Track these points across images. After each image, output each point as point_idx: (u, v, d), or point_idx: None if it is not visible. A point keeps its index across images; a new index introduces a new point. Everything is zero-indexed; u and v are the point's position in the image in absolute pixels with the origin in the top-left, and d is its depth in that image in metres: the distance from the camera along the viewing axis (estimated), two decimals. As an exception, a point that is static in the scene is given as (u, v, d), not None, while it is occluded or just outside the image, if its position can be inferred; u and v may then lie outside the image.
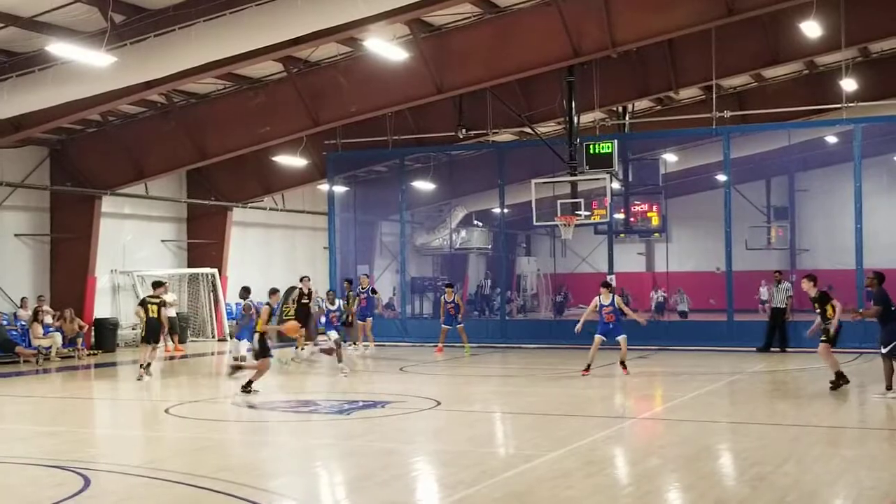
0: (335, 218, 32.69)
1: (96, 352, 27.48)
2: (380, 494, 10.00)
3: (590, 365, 20.12)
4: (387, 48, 22.25)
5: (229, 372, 19.21)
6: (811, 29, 24.22)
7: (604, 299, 20.14)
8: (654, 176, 33.96)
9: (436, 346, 26.41)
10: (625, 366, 20.35)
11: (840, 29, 25.15)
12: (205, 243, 32.97)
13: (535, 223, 28.03)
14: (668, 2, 23.01)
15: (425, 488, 10.62)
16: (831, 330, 17.06)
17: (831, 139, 34.94)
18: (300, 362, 24.07)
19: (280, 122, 26.87)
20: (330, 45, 23.22)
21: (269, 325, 18.04)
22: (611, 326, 20.33)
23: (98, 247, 28.33)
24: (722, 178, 30.39)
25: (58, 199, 28.11)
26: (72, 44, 18.77)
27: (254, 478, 10.81)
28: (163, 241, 32.30)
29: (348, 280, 28.31)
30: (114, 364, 25.35)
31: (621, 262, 36.35)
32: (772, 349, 25.72)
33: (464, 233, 43.96)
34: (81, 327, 26.83)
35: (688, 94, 32.04)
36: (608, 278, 20.88)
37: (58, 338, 25.82)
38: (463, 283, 45.63)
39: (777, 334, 25.90)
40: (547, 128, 32.19)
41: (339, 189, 33.94)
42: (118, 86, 20.72)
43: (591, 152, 26.33)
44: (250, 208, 34.26)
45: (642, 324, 21.71)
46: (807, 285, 17.50)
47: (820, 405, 16.18)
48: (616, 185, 31.40)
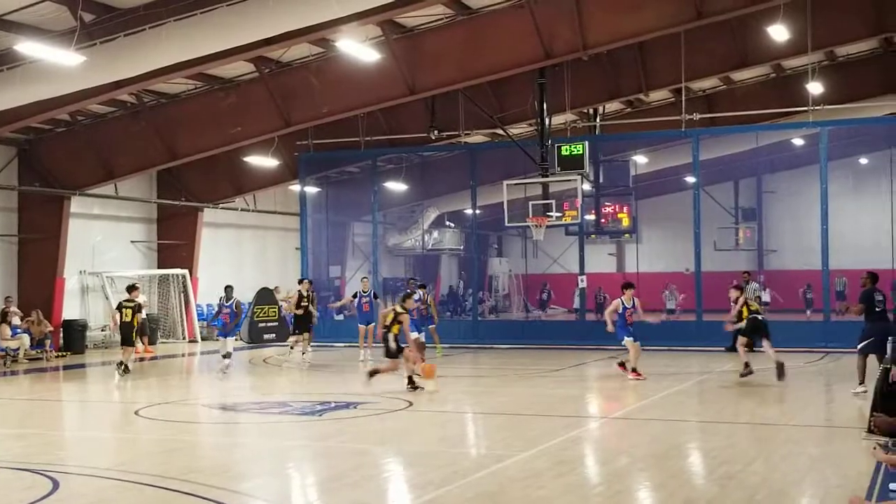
0: (307, 219, 32.60)
1: (65, 353, 27.23)
2: (351, 495, 9.96)
3: (635, 368, 19.71)
4: (359, 49, 22.20)
5: (369, 374, 18.26)
6: (778, 33, 24.41)
7: (626, 301, 19.96)
8: (624, 177, 34.09)
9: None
10: (635, 370, 19.82)
11: (807, 33, 25.37)
12: (175, 244, 32.77)
13: (506, 224, 28.08)
14: (638, 5, 23.10)
15: (396, 489, 10.59)
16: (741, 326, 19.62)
17: (798, 142, 35.20)
18: (302, 363, 23.72)
19: (251, 123, 26.75)
20: (302, 45, 23.14)
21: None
22: (632, 328, 20.03)
23: (67, 247, 28.08)
24: (691, 179, 30.57)
25: (26, 199, 27.84)
26: (41, 43, 18.59)
27: (224, 479, 10.74)
28: (132, 241, 32.08)
29: (307, 280, 27.97)
30: (82, 366, 25.13)
31: (592, 263, 36.45)
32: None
33: (436, 234, 43.96)
34: (50, 329, 26.60)
35: (658, 96, 32.18)
36: (626, 282, 21.03)
37: (26, 339, 25.58)
38: (435, 284, 45.62)
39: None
40: (519, 129, 32.23)
41: (311, 190, 33.83)
42: (87, 85, 20.53)
43: (563, 154, 26.41)
44: (221, 209, 34.09)
45: (656, 323, 21.67)
46: (734, 294, 19.87)
47: (788, 404, 16.28)
48: (587, 187, 31.49)
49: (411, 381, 18.02)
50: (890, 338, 15.24)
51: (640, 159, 35.37)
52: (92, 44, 19.08)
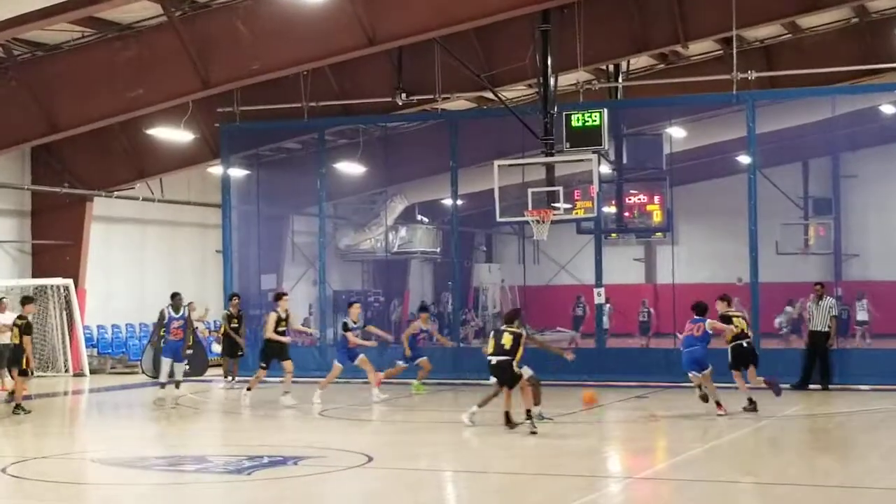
0: (231, 211, 32.50)
1: None
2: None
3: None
4: (301, -15, 22.21)
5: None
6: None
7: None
8: (656, 157, 34.11)
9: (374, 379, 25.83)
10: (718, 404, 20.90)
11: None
12: (56, 245, 32.62)
13: (498, 219, 28.04)
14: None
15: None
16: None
17: (888, 109, 35.35)
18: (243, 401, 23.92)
19: (157, 83, 26.65)
20: (225, -21, 23.18)
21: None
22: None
23: None
24: (745, 159, 30.63)
25: None
26: None
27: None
28: (-2, 241, 32.00)
29: (235, 294, 28.09)
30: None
31: (613, 271, 36.47)
32: (811, 386, 25.94)
33: (404, 231, 43.93)
34: None
35: (700, 48, 32.24)
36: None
37: None
38: (403, 299, 45.61)
39: (818, 366, 26.12)
40: (514, 92, 32.23)
41: (237, 173, 33.72)
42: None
43: (573, 125, 26.41)
44: (117, 198, 33.96)
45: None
46: (721, 306, 20.83)
47: (874, 460, 16.34)
48: (606, 169, 31.51)
49: (509, 418, 18.70)
50: None
51: (677, 133, 35.42)
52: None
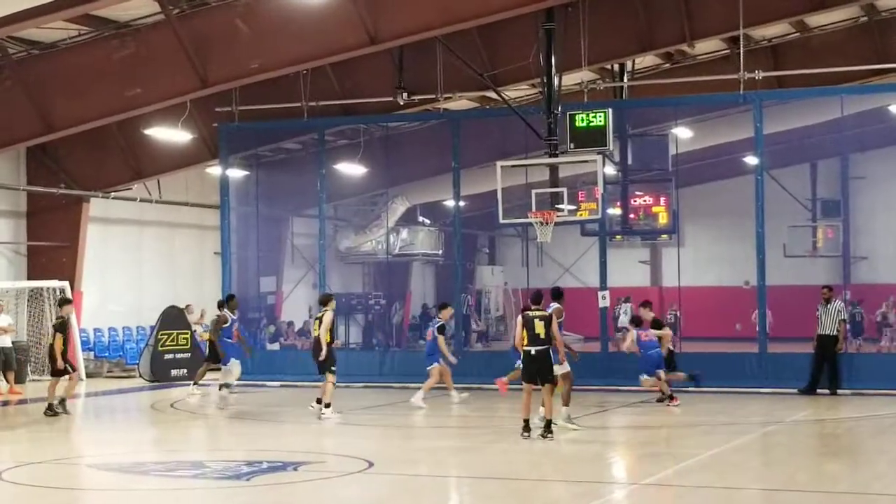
0: (230, 213, 32.49)
1: None
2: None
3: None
4: (301, -18, 22.21)
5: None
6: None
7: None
8: (661, 158, 34.09)
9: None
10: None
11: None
12: (52, 247, 32.62)
13: (501, 221, 28.02)
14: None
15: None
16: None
17: (898, 109, 35.32)
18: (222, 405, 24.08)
19: (155, 82, 26.64)
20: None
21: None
22: None
23: None
24: (752, 160, 30.62)
25: None
26: None
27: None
28: (-7, 243, 32.01)
29: (231, 296, 27.98)
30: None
31: (617, 274, 36.46)
32: (819, 391, 25.94)
33: (405, 233, 43.90)
34: None
35: (707, 47, 32.24)
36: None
37: None
38: (405, 302, 45.60)
39: (826, 371, 26.12)
40: (518, 92, 32.22)
41: (236, 174, 33.72)
42: (-69, 31, 20.52)
43: (578, 126, 26.41)
44: (114, 199, 33.98)
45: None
46: (644, 312, 21.69)
47: (883, 466, 16.33)
48: (610, 170, 31.50)
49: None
50: None
51: (683, 133, 35.42)
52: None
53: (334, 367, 22.31)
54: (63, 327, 23.27)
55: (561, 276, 43.92)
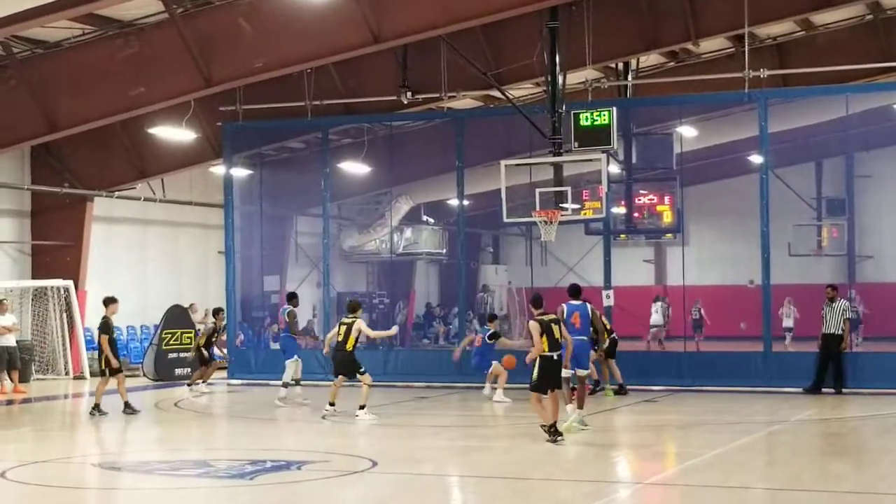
0: (234, 212, 32.52)
1: None
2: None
3: None
4: (305, -19, 22.23)
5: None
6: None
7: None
8: (666, 156, 34.06)
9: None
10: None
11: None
12: (56, 246, 32.67)
13: (505, 220, 28.02)
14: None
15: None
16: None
17: (904, 108, 35.29)
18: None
19: (159, 81, 26.68)
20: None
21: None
22: None
23: None
24: (757, 159, 30.62)
25: None
26: None
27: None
28: (-3, 242, 32.06)
29: (217, 309, 28.18)
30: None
31: (622, 273, 36.44)
32: (824, 390, 25.94)
33: (409, 232, 43.91)
34: None
35: (712, 46, 32.25)
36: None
37: None
38: (408, 302, 45.61)
39: (831, 370, 26.12)
40: (522, 91, 32.23)
41: (240, 173, 33.73)
42: (-65, 30, 20.54)
43: (582, 124, 26.39)
44: (118, 199, 34.02)
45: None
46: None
47: (888, 466, 16.34)
48: (615, 169, 31.49)
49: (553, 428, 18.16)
50: None
51: (688, 132, 35.37)
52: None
53: (363, 368, 22.02)
54: (107, 328, 23.20)
55: (565, 276, 43.87)
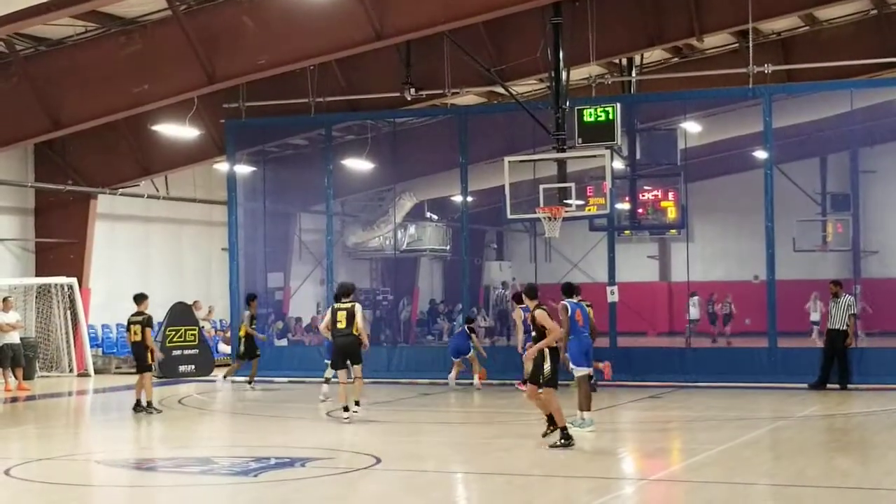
0: (237, 209, 32.53)
1: None
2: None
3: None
4: (308, -22, 22.23)
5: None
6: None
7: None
8: (670, 152, 34.07)
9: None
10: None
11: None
12: (59, 243, 32.68)
13: (508, 216, 28.05)
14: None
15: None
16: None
17: (908, 103, 35.25)
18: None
19: (162, 79, 26.69)
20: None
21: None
22: None
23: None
24: (762, 154, 30.60)
25: None
26: None
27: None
28: (1, 239, 32.00)
29: (252, 296, 28.13)
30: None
31: (626, 269, 36.45)
32: (829, 385, 25.93)
33: (413, 229, 43.89)
34: None
35: (716, 41, 32.22)
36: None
37: None
38: (412, 298, 45.60)
39: (836, 365, 26.11)
40: (525, 87, 32.20)
41: (243, 170, 33.74)
42: (-62, 27, 20.55)
43: (586, 120, 26.38)
44: (121, 196, 34.03)
45: None
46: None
47: (894, 461, 16.32)
48: (619, 165, 31.48)
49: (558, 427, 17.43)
50: None
51: (692, 127, 35.37)
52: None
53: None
54: (150, 322, 23.30)
55: (569, 272, 43.92)
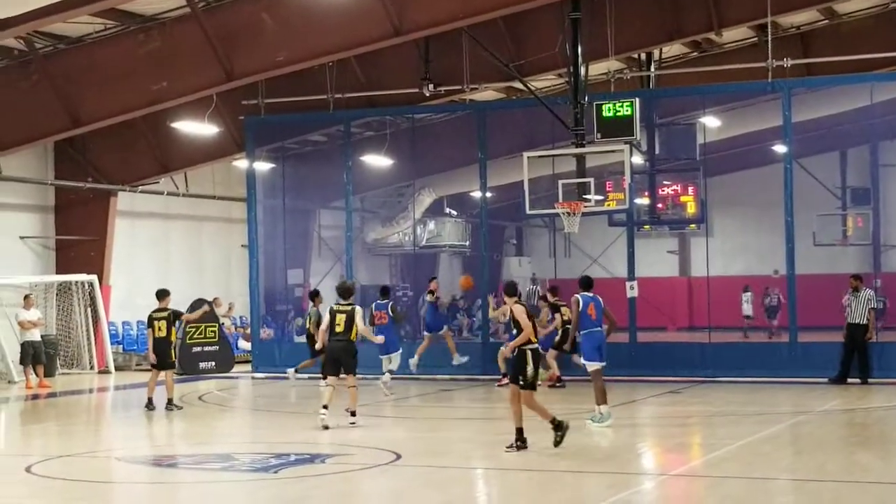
0: (257, 206, 32.58)
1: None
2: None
3: None
4: (326, -26, 22.25)
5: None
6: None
7: None
8: (689, 147, 34.00)
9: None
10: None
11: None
12: (80, 241, 32.77)
13: (528, 212, 28.06)
14: None
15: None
16: None
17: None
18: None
19: (181, 76, 26.74)
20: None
21: None
22: None
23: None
24: (781, 149, 30.53)
25: None
26: None
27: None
28: (22, 237, 32.10)
29: (315, 292, 27.86)
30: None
31: (645, 264, 36.42)
32: (849, 380, 25.87)
33: (432, 225, 43.90)
34: None
35: (735, 35, 32.15)
36: None
37: None
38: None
39: (857, 360, 26.05)
40: (544, 82, 32.20)
41: (263, 166, 33.78)
42: (-42, 26, 20.62)
43: (605, 115, 26.35)
44: (141, 193, 34.12)
45: None
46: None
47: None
48: (638, 160, 31.43)
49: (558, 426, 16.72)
50: None
51: (711, 122, 35.30)
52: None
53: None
54: (176, 318, 23.52)
55: (589, 267, 43.87)
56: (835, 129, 41.56)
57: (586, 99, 26.54)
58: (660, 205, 33.44)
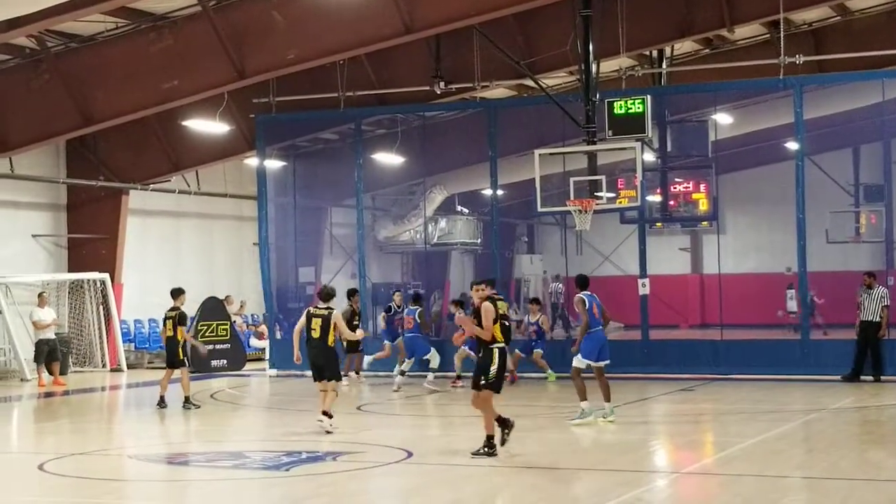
0: (268, 204, 32.59)
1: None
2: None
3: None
4: (337, -28, 22.25)
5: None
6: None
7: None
8: (701, 144, 33.99)
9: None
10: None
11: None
12: (92, 239, 32.83)
13: (539, 209, 28.02)
14: None
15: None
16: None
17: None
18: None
19: (192, 74, 26.76)
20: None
21: None
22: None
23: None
24: (793, 146, 30.48)
25: None
26: None
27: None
28: (34, 235, 32.16)
29: (353, 290, 28.22)
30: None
31: (657, 262, 36.40)
32: (862, 377, 25.83)
33: (443, 223, 43.87)
34: None
35: (747, 32, 32.11)
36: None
37: None
38: (444, 291, 45.57)
39: (870, 357, 26.00)
40: (555, 79, 32.17)
41: (274, 165, 33.80)
42: (-30, 25, 20.65)
43: (616, 112, 26.32)
44: (153, 191, 34.15)
45: None
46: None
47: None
48: (650, 157, 31.41)
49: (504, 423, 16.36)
50: None
51: (723, 119, 35.28)
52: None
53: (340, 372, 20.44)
54: (184, 319, 23.47)
55: (601, 264, 43.89)
56: (847, 126, 41.46)
57: (598, 96, 26.50)
58: (672, 202, 33.46)
